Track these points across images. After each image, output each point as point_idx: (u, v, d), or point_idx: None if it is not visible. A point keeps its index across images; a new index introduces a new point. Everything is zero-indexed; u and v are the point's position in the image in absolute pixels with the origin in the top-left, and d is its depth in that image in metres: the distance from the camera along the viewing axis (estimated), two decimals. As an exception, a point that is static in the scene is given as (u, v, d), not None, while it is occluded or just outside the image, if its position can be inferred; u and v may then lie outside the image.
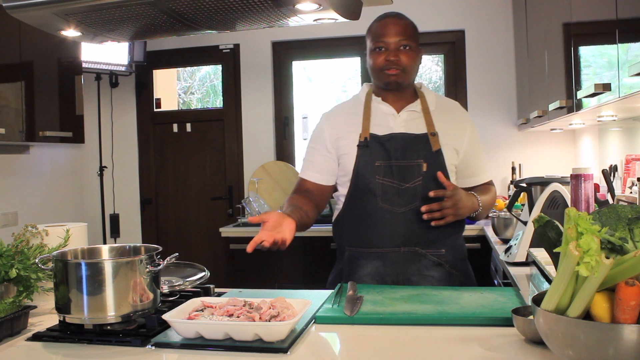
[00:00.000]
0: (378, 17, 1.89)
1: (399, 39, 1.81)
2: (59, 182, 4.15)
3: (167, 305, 1.50)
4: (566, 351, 0.96)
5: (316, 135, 1.95)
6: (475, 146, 1.92)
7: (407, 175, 1.80)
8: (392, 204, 1.80)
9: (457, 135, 1.88)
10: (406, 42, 1.82)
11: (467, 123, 1.93)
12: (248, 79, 4.38)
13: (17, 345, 1.31)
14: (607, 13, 1.72)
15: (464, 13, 4.08)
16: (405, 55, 1.82)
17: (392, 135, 1.83)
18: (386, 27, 1.83)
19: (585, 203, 1.82)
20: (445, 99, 2.00)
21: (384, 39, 1.82)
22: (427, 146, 1.81)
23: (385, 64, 1.82)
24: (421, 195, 1.78)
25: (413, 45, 1.83)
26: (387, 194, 1.80)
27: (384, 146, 1.82)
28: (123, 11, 1.50)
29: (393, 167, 1.80)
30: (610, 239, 0.99)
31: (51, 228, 1.71)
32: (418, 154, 1.80)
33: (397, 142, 1.82)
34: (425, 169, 1.79)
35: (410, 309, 1.43)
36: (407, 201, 1.79)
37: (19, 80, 3.16)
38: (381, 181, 1.80)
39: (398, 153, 1.81)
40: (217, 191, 4.46)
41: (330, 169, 1.90)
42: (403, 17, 1.88)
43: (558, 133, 3.91)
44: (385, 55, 1.82)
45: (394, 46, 1.81)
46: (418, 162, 1.80)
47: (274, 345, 1.20)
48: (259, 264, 3.73)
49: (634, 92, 1.52)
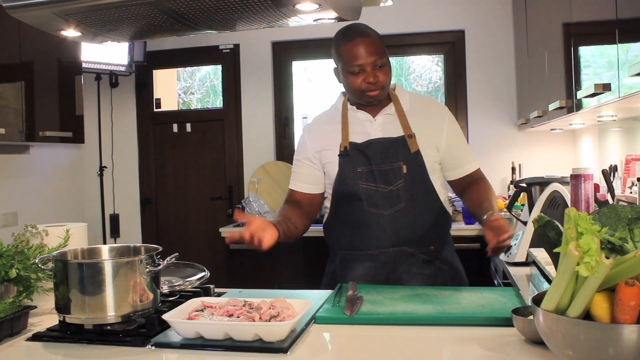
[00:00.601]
0: (344, 35, 1.83)
1: (374, 59, 1.79)
2: (59, 182, 4.15)
3: (167, 305, 1.50)
4: (566, 351, 0.96)
5: (300, 148, 1.99)
6: (455, 137, 1.91)
7: (389, 178, 1.83)
8: (378, 207, 1.83)
9: (435, 131, 1.88)
10: (380, 60, 1.80)
11: (444, 117, 1.92)
12: (248, 79, 4.38)
13: (17, 345, 1.31)
14: (607, 13, 1.72)
15: (464, 13, 4.08)
16: (382, 72, 1.81)
17: (370, 142, 1.86)
18: (358, 49, 1.78)
19: (585, 203, 1.82)
20: (420, 96, 2.00)
21: (358, 62, 1.79)
22: (405, 148, 1.83)
23: (365, 86, 1.81)
24: (405, 196, 1.82)
25: (386, 59, 1.82)
26: (371, 198, 1.83)
27: (363, 153, 1.85)
28: (123, 11, 1.50)
29: (375, 171, 1.84)
30: (610, 239, 0.99)
31: (51, 228, 1.71)
32: (397, 157, 1.83)
33: (376, 147, 1.85)
34: (405, 171, 1.82)
35: (410, 309, 1.43)
36: (392, 203, 1.82)
37: (19, 80, 3.16)
38: (364, 186, 1.84)
39: (377, 158, 1.84)
40: (217, 191, 4.46)
41: (317, 178, 1.95)
42: (369, 32, 1.83)
43: (558, 133, 3.91)
44: (363, 77, 1.80)
45: (370, 67, 1.79)
46: (398, 164, 1.83)
47: (274, 345, 1.20)
48: (259, 264, 3.73)
49: (634, 92, 1.52)
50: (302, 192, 1.96)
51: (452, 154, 1.91)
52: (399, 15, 3.99)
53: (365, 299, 1.54)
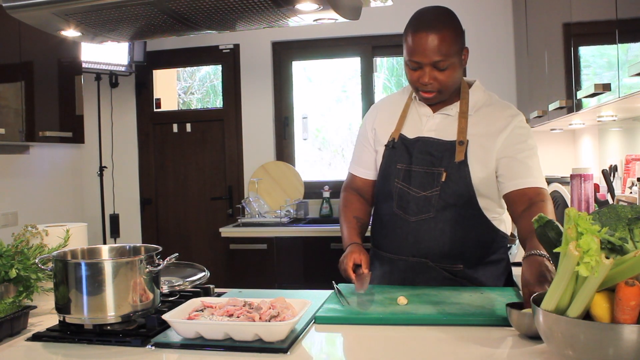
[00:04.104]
0: (413, 22, 1.66)
1: (435, 60, 1.61)
2: (59, 182, 4.15)
3: (167, 305, 1.50)
4: (566, 351, 0.96)
5: (362, 129, 1.93)
6: (517, 146, 1.66)
7: (424, 183, 1.69)
8: (405, 211, 1.72)
9: (489, 144, 1.67)
10: (444, 62, 1.61)
11: (506, 129, 1.68)
12: (248, 79, 4.38)
13: (17, 345, 1.31)
14: (607, 13, 1.72)
15: (464, 13, 4.05)
16: (443, 74, 1.63)
17: (418, 139, 1.73)
18: (420, 44, 1.60)
19: (585, 203, 1.82)
20: (495, 101, 1.77)
21: (416, 58, 1.63)
22: (452, 155, 1.67)
23: (419, 85, 1.68)
24: (437, 206, 1.67)
25: (452, 61, 1.62)
26: (402, 200, 1.73)
27: (408, 149, 1.73)
28: (123, 11, 1.50)
29: (412, 172, 1.71)
30: (610, 239, 0.99)
31: (51, 228, 1.71)
32: (440, 162, 1.68)
33: (422, 146, 1.72)
34: (444, 179, 1.66)
35: (410, 309, 1.43)
36: (421, 210, 1.69)
37: (19, 80, 3.16)
38: (399, 185, 1.74)
39: (419, 158, 1.71)
40: (217, 191, 4.46)
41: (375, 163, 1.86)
42: (441, 25, 1.61)
43: (558, 133, 3.91)
44: (419, 75, 1.65)
45: (429, 67, 1.62)
46: (438, 170, 1.67)
47: (274, 345, 1.20)
48: (259, 264, 3.73)
49: (634, 92, 1.52)
50: (361, 178, 1.89)
51: (506, 162, 1.65)
52: (399, 15, 3.98)
53: (365, 299, 1.54)
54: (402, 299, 1.48)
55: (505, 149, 1.67)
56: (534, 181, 1.62)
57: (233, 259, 3.78)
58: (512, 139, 1.67)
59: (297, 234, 3.69)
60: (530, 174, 1.63)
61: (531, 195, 1.60)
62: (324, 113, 4.48)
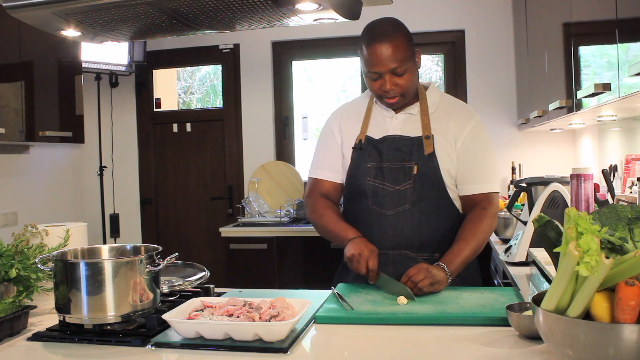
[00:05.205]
0: (366, 36, 1.75)
1: (393, 67, 1.70)
2: (59, 182, 4.15)
3: (167, 305, 1.50)
4: (566, 351, 0.96)
5: (325, 133, 1.94)
6: (471, 150, 1.79)
7: (397, 177, 1.77)
8: (382, 206, 1.78)
9: (453, 138, 1.79)
10: (400, 67, 1.71)
11: (468, 125, 1.80)
12: (248, 79, 4.38)
13: (17, 345, 1.31)
14: (607, 13, 1.72)
15: (463, 13, 4.08)
16: (402, 79, 1.73)
17: (385, 138, 1.82)
18: (376, 55, 1.70)
19: (585, 203, 1.81)
20: (451, 100, 1.91)
21: (375, 69, 1.72)
22: (420, 149, 1.77)
23: (381, 93, 1.76)
24: (411, 198, 1.76)
25: (408, 65, 1.72)
26: (377, 196, 1.79)
27: (377, 148, 1.81)
28: (123, 11, 1.50)
29: (384, 169, 1.79)
30: (610, 239, 0.99)
31: (51, 228, 1.71)
32: (410, 157, 1.77)
33: (390, 144, 1.80)
34: (416, 172, 1.75)
35: (410, 309, 1.43)
36: (397, 204, 1.77)
37: (19, 80, 3.16)
38: (372, 182, 1.80)
39: (390, 155, 1.79)
40: (217, 191, 4.46)
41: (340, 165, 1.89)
42: (393, 35, 1.72)
43: (558, 133, 3.91)
44: (380, 83, 1.74)
45: (388, 75, 1.72)
46: (409, 164, 1.76)
47: (274, 345, 1.20)
48: (259, 263, 3.73)
49: (634, 92, 1.52)
50: (328, 182, 1.90)
51: (461, 165, 1.79)
52: (398, 15, 3.97)
53: (365, 299, 1.54)
54: (402, 299, 1.50)
55: (462, 150, 1.79)
56: (482, 187, 1.79)
57: (233, 259, 3.78)
58: (469, 141, 1.80)
59: (297, 234, 3.69)
60: (480, 179, 1.79)
61: (477, 201, 1.79)
62: (324, 113, 4.47)
